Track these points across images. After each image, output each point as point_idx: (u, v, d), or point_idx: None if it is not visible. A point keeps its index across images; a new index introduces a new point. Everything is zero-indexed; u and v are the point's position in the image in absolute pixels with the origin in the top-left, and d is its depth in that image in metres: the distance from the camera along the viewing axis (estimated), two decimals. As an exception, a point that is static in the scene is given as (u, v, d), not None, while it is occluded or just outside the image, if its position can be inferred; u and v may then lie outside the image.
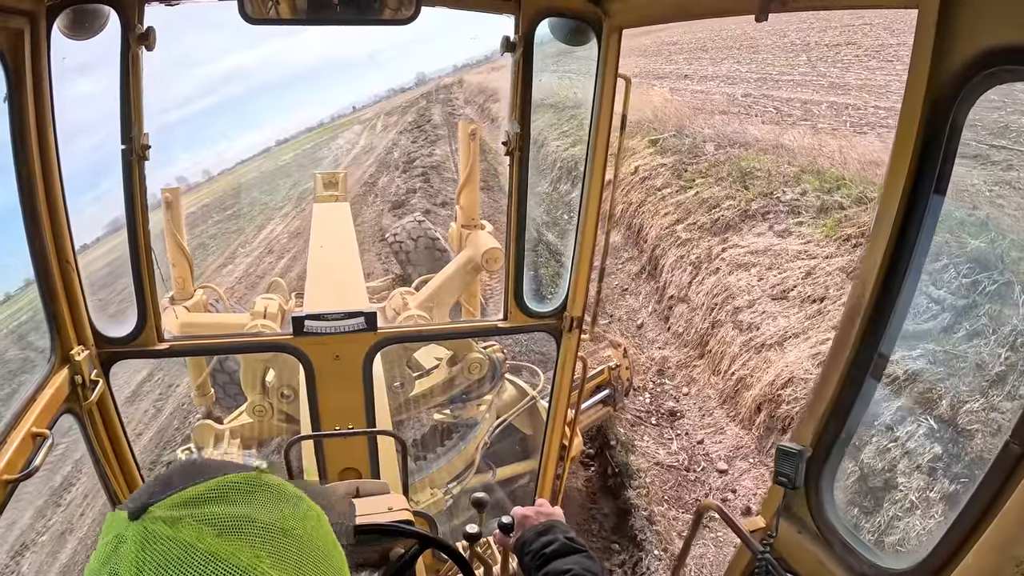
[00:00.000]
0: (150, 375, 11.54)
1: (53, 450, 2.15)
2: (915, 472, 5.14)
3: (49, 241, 2.33)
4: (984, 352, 5.31)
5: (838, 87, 16.70)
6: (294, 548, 0.68)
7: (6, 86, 2.09)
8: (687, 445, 7.89)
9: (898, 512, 5.04)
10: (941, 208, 1.52)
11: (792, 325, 7.95)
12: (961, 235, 6.18)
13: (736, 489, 6.97)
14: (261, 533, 0.66)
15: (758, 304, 8.67)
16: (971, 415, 5.03)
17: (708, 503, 2.39)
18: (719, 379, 8.59)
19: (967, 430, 5.00)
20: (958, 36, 1.35)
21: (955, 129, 1.44)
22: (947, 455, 5.06)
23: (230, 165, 50.87)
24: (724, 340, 8.76)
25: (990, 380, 5.14)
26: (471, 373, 5.47)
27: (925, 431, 5.26)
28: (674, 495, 7.08)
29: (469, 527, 2.22)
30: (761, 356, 7.89)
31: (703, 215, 11.33)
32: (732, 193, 11.34)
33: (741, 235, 10.30)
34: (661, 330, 10.52)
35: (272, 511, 0.69)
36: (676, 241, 11.40)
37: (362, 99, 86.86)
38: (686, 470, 7.48)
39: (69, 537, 7.70)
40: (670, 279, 10.97)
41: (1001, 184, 7.21)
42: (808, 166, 10.98)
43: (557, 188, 16.86)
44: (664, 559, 6.04)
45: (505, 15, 2.73)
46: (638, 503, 6.71)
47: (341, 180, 8.17)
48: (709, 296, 9.65)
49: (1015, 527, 1.19)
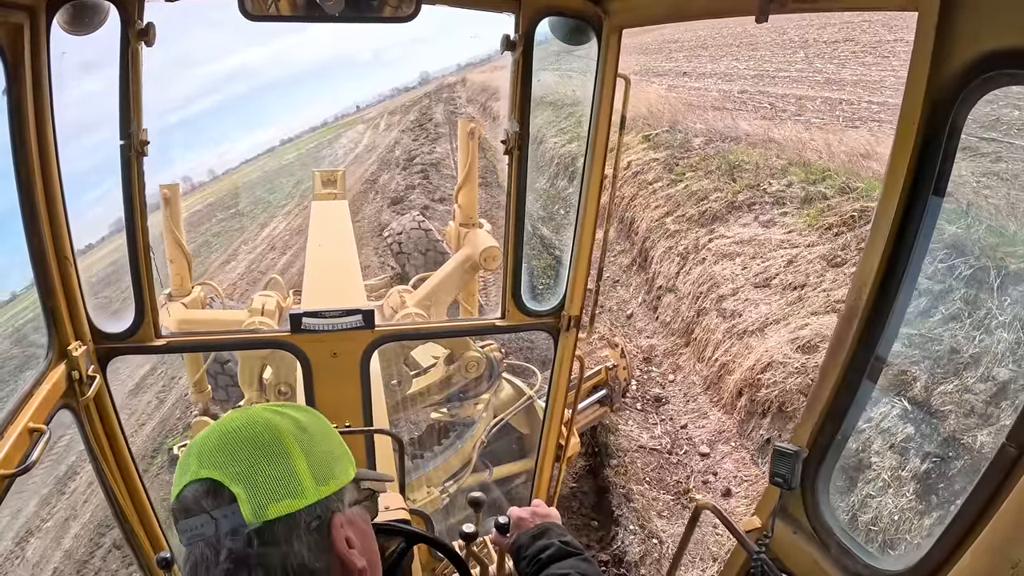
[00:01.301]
0: (153, 368, 11.72)
1: (54, 444, 2.15)
2: (889, 451, 5.28)
3: (47, 237, 2.32)
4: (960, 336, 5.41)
5: (833, 83, 16.82)
6: (307, 437, 1.06)
7: (5, 81, 2.08)
8: (671, 429, 8.07)
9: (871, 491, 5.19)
10: (939, 210, 1.53)
11: (773, 312, 8.14)
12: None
13: (717, 472, 7.15)
14: (295, 423, 1.06)
15: (741, 292, 8.88)
16: (945, 396, 5.16)
17: (704, 503, 2.39)
18: (703, 365, 8.78)
19: (940, 411, 5.12)
20: (958, 39, 1.36)
21: (954, 131, 1.44)
22: (917, 432, 5.13)
23: (235, 164, 51.22)
24: (708, 328, 8.96)
25: (964, 363, 5.24)
26: (468, 372, 5.46)
27: (896, 409, 5.39)
28: (656, 477, 7.24)
29: (466, 526, 2.22)
30: (743, 342, 8.08)
31: (692, 207, 11.54)
32: (720, 185, 11.54)
33: (728, 226, 10.50)
34: (650, 320, 10.74)
35: (311, 422, 1.11)
36: (665, 233, 11.61)
37: (366, 98, 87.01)
38: (669, 453, 7.66)
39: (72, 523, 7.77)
40: (659, 270, 11.18)
41: (988, 175, 7.28)
42: (796, 159, 11.17)
43: (555, 184, 16.99)
44: (639, 534, 6.18)
45: (505, 14, 2.73)
46: (616, 481, 6.89)
47: (340, 178, 8.16)
48: (695, 285, 9.86)
49: (1011, 529, 1.19)
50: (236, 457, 0.98)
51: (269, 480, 0.97)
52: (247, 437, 1.00)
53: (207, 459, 0.99)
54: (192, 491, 0.97)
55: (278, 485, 0.97)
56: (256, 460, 0.98)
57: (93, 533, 7.55)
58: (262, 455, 0.99)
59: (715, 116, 15.15)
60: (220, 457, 0.98)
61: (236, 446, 0.99)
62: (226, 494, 0.95)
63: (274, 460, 0.99)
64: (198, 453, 1.00)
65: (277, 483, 0.97)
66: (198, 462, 0.99)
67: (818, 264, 8.32)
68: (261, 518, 0.94)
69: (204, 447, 1.01)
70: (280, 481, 0.97)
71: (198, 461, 0.99)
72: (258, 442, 1.00)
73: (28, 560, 7.34)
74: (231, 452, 0.99)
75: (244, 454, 0.98)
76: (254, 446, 0.99)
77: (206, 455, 0.99)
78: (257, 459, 0.98)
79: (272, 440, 1.01)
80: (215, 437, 1.02)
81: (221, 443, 1.00)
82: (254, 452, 0.99)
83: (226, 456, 0.98)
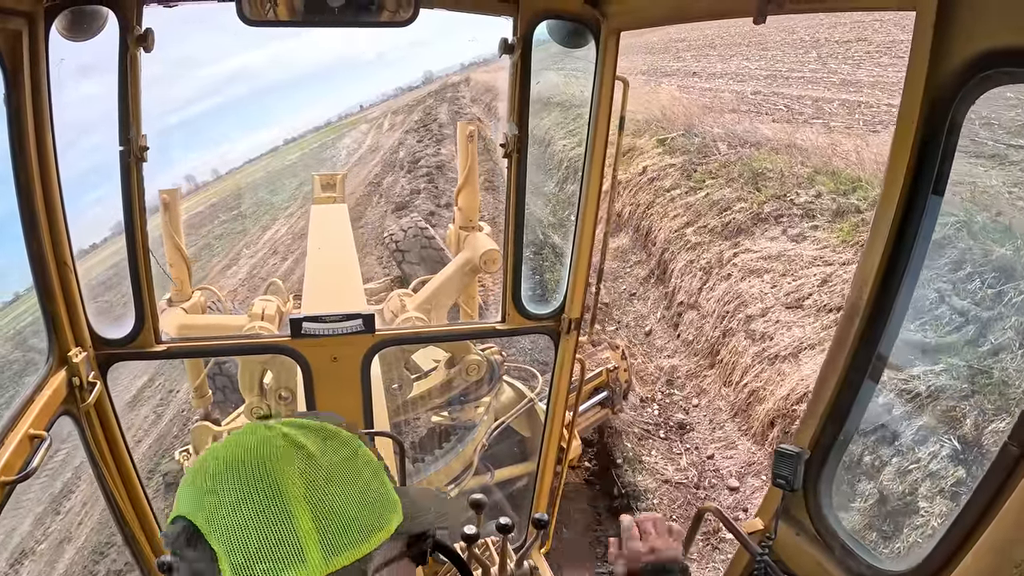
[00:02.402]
0: (151, 380, 11.49)
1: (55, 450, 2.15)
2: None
3: (47, 243, 2.32)
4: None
5: (850, 84, 16.25)
6: (324, 483, 0.84)
7: (4, 87, 2.08)
8: (696, 460, 7.63)
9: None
10: (939, 209, 1.53)
11: (808, 336, 7.60)
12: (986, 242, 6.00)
13: (748, 508, 6.71)
14: (311, 463, 0.84)
15: (771, 313, 8.32)
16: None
17: (707, 506, 2.39)
18: (730, 391, 8.28)
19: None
20: (956, 38, 1.36)
21: (953, 130, 1.44)
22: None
23: (238, 164, 51.29)
24: (736, 350, 8.44)
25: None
26: (469, 375, 5.46)
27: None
28: (684, 514, 6.84)
29: (467, 528, 2.21)
30: (775, 368, 7.59)
31: (714, 218, 10.92)
32: (744, 195, 10.89)
33: (753, 239, 9.88)
34: (670, 338, 10.22)
35: (332, 458, 0.88)
36: (686, 245, 11.05)
37: (370, 98, 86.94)
38: (695, 487, 7.24)
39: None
40: (679, 284, 10.64)
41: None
42: (822, 167, 10.47)
43: (563, 188, 16.63)
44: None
45: (503, 17, 2.73)
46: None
47: (339, 182, 8.17)
48: (720, 303, 9.32)
49: (1014, 529, 1.19)
50: (230, 511, 0.79)
51: (263, 553, 0.77)
52: (245, 482, 0.81)
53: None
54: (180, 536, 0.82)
55: (273, 559, 0.77)
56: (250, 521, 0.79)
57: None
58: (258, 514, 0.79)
59: (732, 119, 14.51)
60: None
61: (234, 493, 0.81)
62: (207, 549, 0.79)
63: (273, 523, 0.78)
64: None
65: (272, 556, 0.77)
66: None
67: (855, 285, 7.90)
68: None
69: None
70: (275, 552, 0.77)
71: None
72: (256, 492, 0.80)
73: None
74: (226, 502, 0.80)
75: (239, 510, 0.79)
76: (253, 498, 0.80)
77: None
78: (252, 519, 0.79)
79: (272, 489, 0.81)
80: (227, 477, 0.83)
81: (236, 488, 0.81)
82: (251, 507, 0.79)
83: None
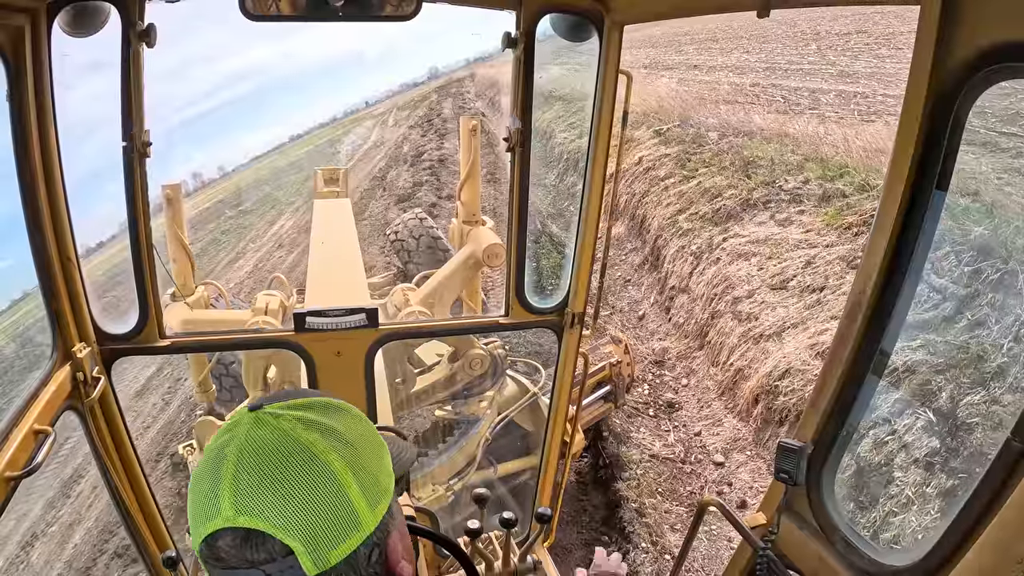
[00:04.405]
0: (159, 370, 11.67)
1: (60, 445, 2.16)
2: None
3: (51, 239, 2.33)
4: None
5: (847, 75, 16.51)
6: (352, 453, 0.92)
7: (7, 84, 2.09)
8: (684, 437, 7.87)
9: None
10: (943, 204, 1.52)
11: (791, 315, 7.92)
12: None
13: (732, 482, 6.97)
14: (335, 436, 0.91)
15: (757, 294, 8.66)
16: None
17: (709, 499, 2.39)
18: (718, 370, 8.57)
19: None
20: (960, 32, 1.35)
21: (957, 125, 1.43)
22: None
23: (245, 161, 51.29)
24: (723, 331, 8.74)
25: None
26: (472, 369, 5.46)
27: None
28: (669, 488, 7.06)
29: (471, 523, 2.23)
30: (759, 347, 7.87)
31: (705, 205, 11.27)
32: (734, 182, 11.27)
33: (742, 224, 10.24)
34: (662, 321, 10.50)
35: (347, 426, 0.95)
36: (678, 231, 11.35)
37: (375, 94, 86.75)
38: (682, 462, 7.47)
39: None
40: (671, 270, 10.94)
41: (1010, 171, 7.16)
42: (812, 154, 10.88)
43: (563, 180, 16.79)
44: (651, 551, 6.05)
45: (506, 11, 2.72)
46: (627, 495, 6.73)
47: (342, 176, 8.16)
48: (709, 286, 9.62)
49: (1016, 525, 1.19)
50: (284, 501, 0.84)
51: (329, 527, 0.85)
52: (291, 473, 0.85)
53: (244, 503, 0.84)
54: (230, 542, 0.85)
55: (337, 528, 0.86)
56: (309, 505, 0.85)
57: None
58: (314, 497, 0.85)
59: (728, 110, 14.90)
60: (261, 501, 0.84)
61: (279, 485, 0.85)
62: (277, 546, 0.84)
63: (329, 499, 0.86)
64: (231, 490, 0.84)
65: (336, 526, 0.86)
66: (233, 504, 0.84)
67: (837, 266, 8.10)
68: (323, 567, 0.85)
69: (237, 483, 0.85)
70: (339, 522, 0.86)
71: (232, 503, 0.84)
72: (306, 479, 0.86)
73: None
74: (275, 493, 0.84)
75: (294, 498, 0.84)
76: (303, 484, 0.85)
77: (242, 496, 0.84)
78: (310, 503, 0.85)
79: (322, 472, 0.87)
80: (249, 469, 0.86)
81: (259, 480, 0.85)
82: (305, 493, 0.85)
83: (268, 499, 0.84)
